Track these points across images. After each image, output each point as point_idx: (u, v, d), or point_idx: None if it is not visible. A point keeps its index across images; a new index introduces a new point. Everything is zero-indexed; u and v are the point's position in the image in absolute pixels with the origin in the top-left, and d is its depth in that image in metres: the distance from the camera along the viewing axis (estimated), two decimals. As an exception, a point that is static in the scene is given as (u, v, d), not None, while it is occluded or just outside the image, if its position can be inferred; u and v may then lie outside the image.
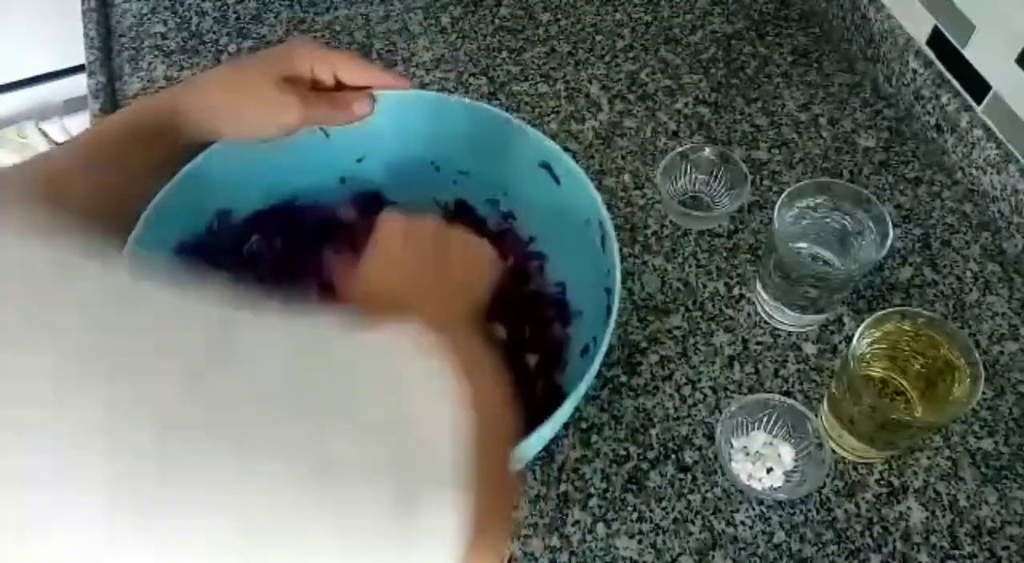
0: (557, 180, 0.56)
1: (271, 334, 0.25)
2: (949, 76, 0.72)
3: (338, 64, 0.54)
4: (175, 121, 0.51)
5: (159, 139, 0.51)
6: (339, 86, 0.54)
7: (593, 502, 0.57)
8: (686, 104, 0.79)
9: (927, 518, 0.56)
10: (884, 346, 0.55)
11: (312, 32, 0.85)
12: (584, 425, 0.60)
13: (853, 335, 0.53)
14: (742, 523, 0.56)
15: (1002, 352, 0.63)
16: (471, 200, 0.62)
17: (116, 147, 0.50)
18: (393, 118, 0.56)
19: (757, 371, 0.63)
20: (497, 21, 0.86)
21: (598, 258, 0.53)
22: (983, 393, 0.60)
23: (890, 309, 0.54)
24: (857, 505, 0.57)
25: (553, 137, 0.76)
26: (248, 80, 0.52)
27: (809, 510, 0.57)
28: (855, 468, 0.58)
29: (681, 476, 0.58)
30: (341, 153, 0.60)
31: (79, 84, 0.97)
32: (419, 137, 0.59)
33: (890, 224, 0.57)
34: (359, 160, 0.61)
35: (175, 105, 0.51)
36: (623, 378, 0.63)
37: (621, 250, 0.69)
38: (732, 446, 0.58)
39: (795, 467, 0.58)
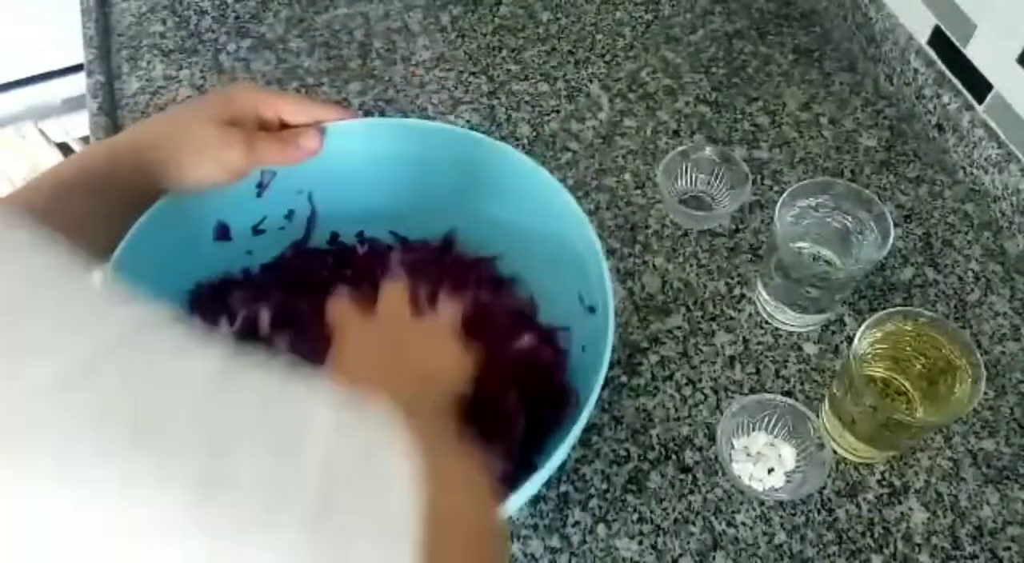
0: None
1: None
2: (950, 75, 0.72)
3: (280, 104, 0.52)
4: (124, 170, 0.48)
5: (112, 190, 0.48)
6: (284, 127, 0.53)
7: (593, 503, 0.57)
8: (687, 103, 0.79)
9: (928, 519, 0.56)
10: (885, 346, 0.55)
11: (312, 31, 0.85)
12: (584, 425, 0.60)
13: (854, 335, 0.53)
14: (743, 524, 0.56)
15: (1003, 352, 0.63)
16: (457, 233, 0.59)
17: (68, 196, 0.47)
18: (364, 146, 0.55)
19: (758, 371, 0.63)
20: (497, 20, 0.86)
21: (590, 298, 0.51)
22: (984, 393, 0.60)
23: (891, 309, 0.54)
24: (858, 506, 0.57)
25: (553, 137, 0.76)
26: (188, 123, 0.50)
27: (810, 511, 0.57)
28: (856, 468, 0.58)
29: (682, 477, 0.58)
30: (283, 195, 0.57)
31: (78, 83, 0.97)
32: (387, 165, 0.57)
33: (891, 224, 0.57)
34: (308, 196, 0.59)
35: (119, 154, 0.49)
36: (623, 378, 0.62)
37: (621, 250, 0.69)
38: (733, 447, 0.58)
39: (796, 468, 0.57)
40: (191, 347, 0.23)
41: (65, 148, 1.17)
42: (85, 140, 1.14)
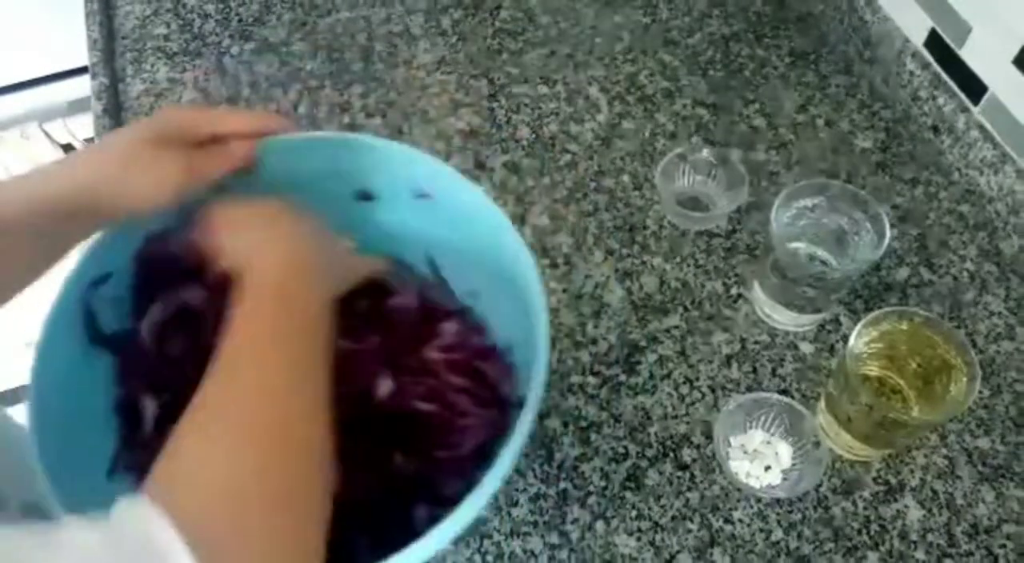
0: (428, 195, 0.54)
1: None
2: (946, 77, 0.73)
3: (212, 116, 0.52)
4: (46, 221, 0.46)
5: (37, 238, 0.47)
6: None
7: (592, 500, 0.58)
8: (684, 106, 0.79)
9: (924, 516, 0.57)
10: (881, 345, 0.56)
11: (314, 35, 0.86)
12: (583, 423, 0.61)
13: (850, 334, 0.54)
14: (740, 521, 0.57)
15: (998, 351, 0.64)
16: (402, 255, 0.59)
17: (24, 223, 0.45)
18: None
19: (755, 370, 0.63)
20: (497, 24, 0.87)
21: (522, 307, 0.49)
22: (979, 392, 0.60)
23: (887, 309, 0.55)
24: (854, 503, 0.57)
25: (552, 139, 0.77)
26: (119, 145, 0.48)
27: (807, 508, 0.57)
28: (852, 466, 0.59)
29: (679, 474, 0.59)
30: None
31: (82, 86, 0.98)
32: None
33: (887, 224, 0.58)
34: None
35: (38, 205, 0.46)
36: (622, 377, 0.63)
37: (620, 250, 0.70)
38: (730, 444, 0.59)
39: (793, 465, 0.58)
40: None
41: (70, 150, 1.18)
42: (89, 142, 1.15)
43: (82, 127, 1.13)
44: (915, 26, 0.74)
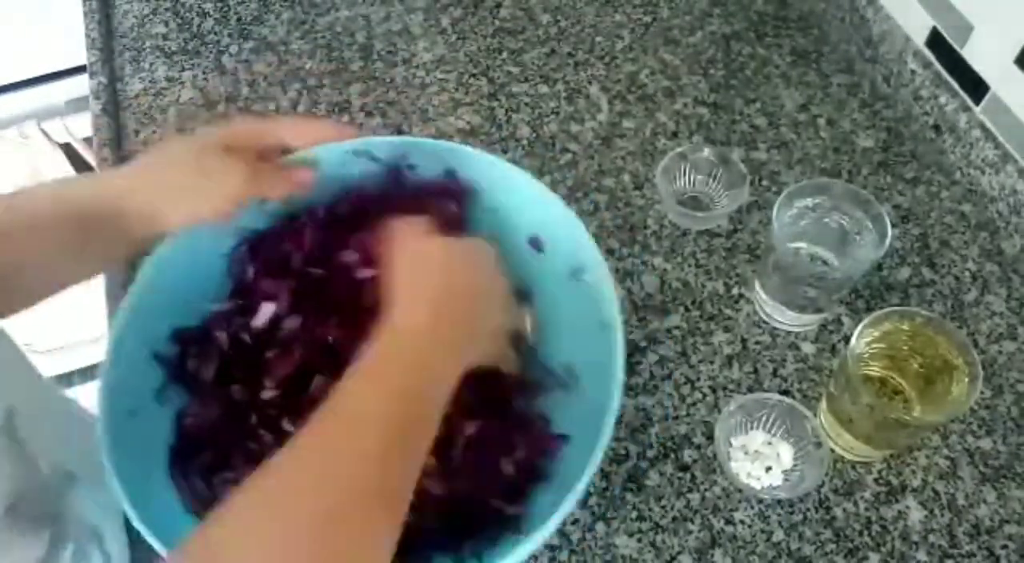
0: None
1: None
2: (948, 77, 0.73)
3: (280, 129, 0.52)
4: (118, 212, 0.46)
5: (101, 234, 0.46)
6: (287, 152, 0.52)
7: (593, 500, 0.58)
8: (685, 105, 0.79)
9: (925, 517, 0.56)
10: (882, 345, 0.56)
11: (313, 33, 0.86)
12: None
13: (851, 335, 0.53)
14: (741, 522, 0.57)
15: (1000, 351, 0.63)
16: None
17: (45, 228, 0.45)
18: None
19: (756, 371, 0.63)
20: (497, 22, 0.86)
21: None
22: (981, 392, 0.60)
23: (888, 309, 0.54)
24: (856, 504, 0.57)
25: (552, 138, 0.77)
26: (185, 153, 0.48)
27: (808, 509, 0.57)
28: (854, 467, 0.58)
29: (680, 475, 0.58)
30: None
31: (81, 84, 0.97)
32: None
33: (888, 224, 0.57)
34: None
35: (113, 195, 0.46)
36: (622, 377, 0.63)
37: (620, 250, 0.70)
38: (731, 445, 0.59)
39: (794, 466, 0.58)
40: None
41: (68, 149, 1.17)
42: (88, 141, 1.15)
43: (81, 126, 1.13)
44: (917, 25, 0.74)
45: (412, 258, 0.45)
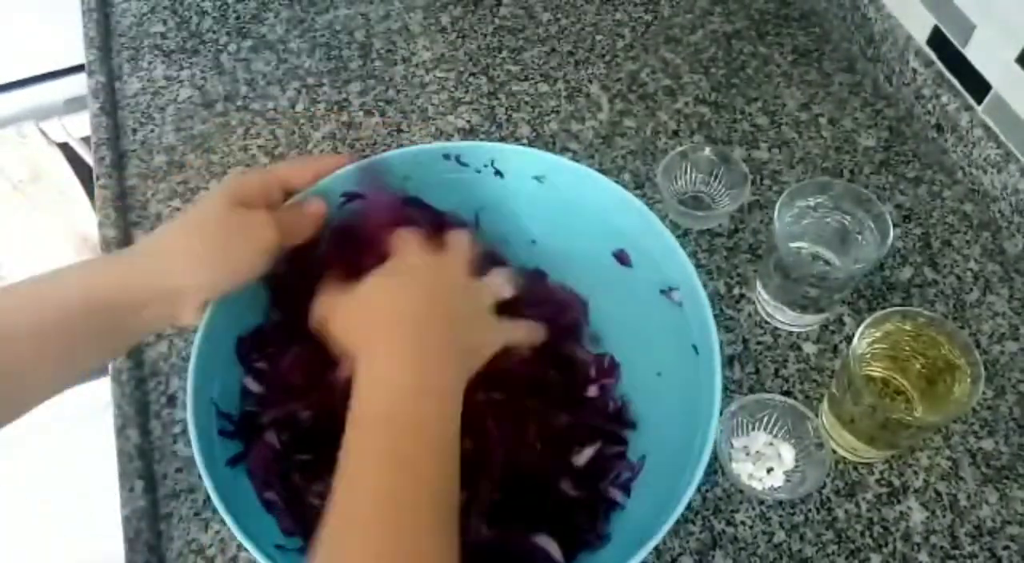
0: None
1: None
2: (949, 75, 0.72)
3: (283, 175, 0.51)
4: (133, 299, 0.43)
5: (112, 326, 0.44)
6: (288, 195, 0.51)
7: (593, 502, 0.57)
8: (686, 104, 0.79)
9: (927, 518, 0.56)
10: (884, 346, 0.55)
11: (312, 32, 0.85)
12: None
13: (853, 335, 0.53)
14: (742, 523, 0.56)
15: (1002, 352, 0.63)
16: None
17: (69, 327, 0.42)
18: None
19: (757, 371, 0.63)
20: (497, 20, 0.86)
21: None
22: (983, 393, 0.60)
23: (890, 309, 0.54)
24: (857, 505, 0.57)
25: (553, 137, 0.77)
26: (203, 223, 0.45)
27: (809, 510, 0.57)
28: (855, 468, 0.58)
29: (681, 476, 0.58)
30: None
31: (79, 83, 0.97)
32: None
33: (890, 224, 0.57)
34: None
35: (126, 278, 0.43)
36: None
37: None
38: (732, 446, 0.58)
39: (795, 467, 0.58)
40: None
41: (66, 148, 1.17)
42: (86, 140, 1.14)
43: (79, 126, 1.13)
44: (918, 24, 0.74)
45: (393, 283, 0.46)
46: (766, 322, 0.65)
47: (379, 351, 0.43)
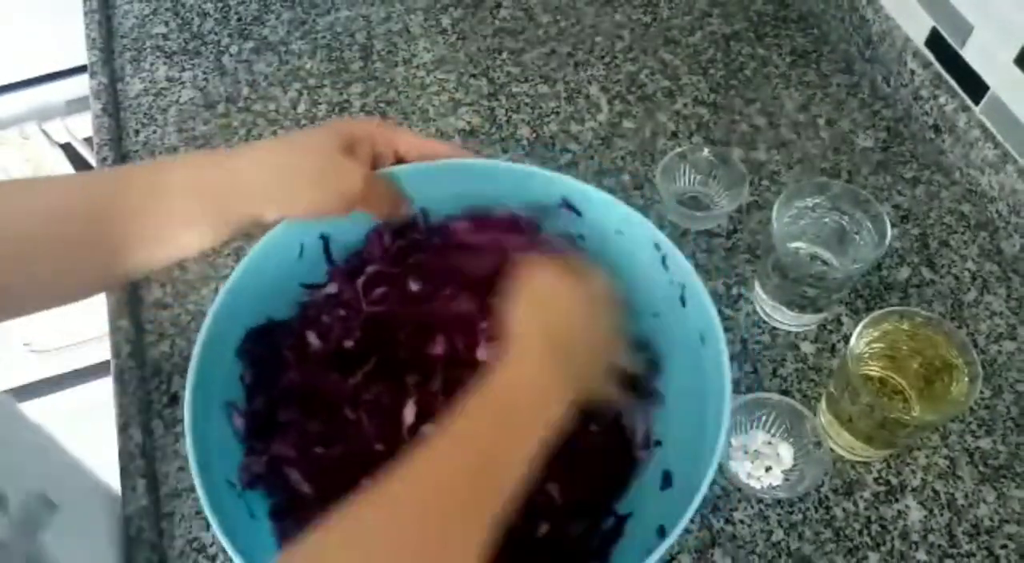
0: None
1: None
2: (947, 76, 0.73)
3: (397, 139, 0.51)
4: (220, 199, 0.45)
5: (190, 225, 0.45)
6: (398, 160, 0.53)
7: (592, 500, 0.58)
8: (685, 105, 0.79)
9: (925, 517, 0.57)
10: (882, 345, 0.56)
11: (313, 33, 0.86)
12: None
13: (851, 334, 0.53)
14: (741, 521, 0.57)
15: (1000, 351, 0.63)
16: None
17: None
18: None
19: (756, 370, 0.63)
20: (497, 22, 0.87)
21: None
22: (981, 392, 0.60)
23: (888, 308, 0.55)
24: (855, 504, 0.57)
25: (552, 138, 0.77)
26: (306, 145, 0.47)
27: (807, 508, 0.57)
28: (853, 467, 0.58)
29: (680, 475, 0.58)
30: None
31: (81, 84, 0.98)
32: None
33: (888, 224, 0.57)
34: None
35: (212, 179, 0.45)
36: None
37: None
38: (731, 445, 0.59)
39: (794, 466, 0.58)
40: None
41: (69, 149, 1.17)
42: (88, 141, 1.15)
43: (81, 127, 1.13)
44: (916, 25, 0.74)
45: (537, 297, 0.45)
46: (764, 322, 0.65)
47: (537, 350, 0.43)
